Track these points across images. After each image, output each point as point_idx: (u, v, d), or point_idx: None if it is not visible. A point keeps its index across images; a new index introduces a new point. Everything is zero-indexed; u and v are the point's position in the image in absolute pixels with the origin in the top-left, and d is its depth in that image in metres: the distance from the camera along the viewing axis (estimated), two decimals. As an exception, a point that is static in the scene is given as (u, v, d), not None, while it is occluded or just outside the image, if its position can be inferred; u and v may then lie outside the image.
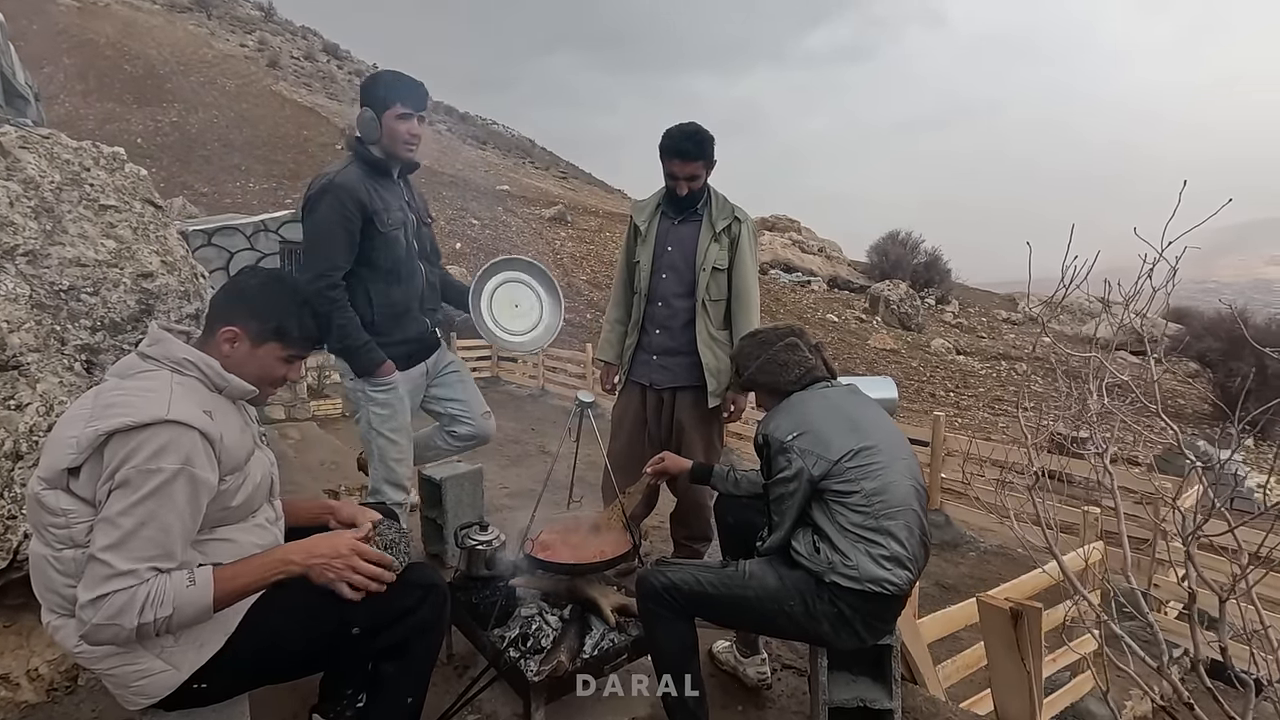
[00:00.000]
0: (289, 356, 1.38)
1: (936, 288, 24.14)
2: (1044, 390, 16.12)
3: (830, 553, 1.53)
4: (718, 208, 2.49)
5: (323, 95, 37.23)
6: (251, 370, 1.33)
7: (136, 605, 1.10)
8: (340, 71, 46.11)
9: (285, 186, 21.13)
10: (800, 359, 1.75)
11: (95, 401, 1.19)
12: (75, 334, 2.03)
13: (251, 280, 1.37)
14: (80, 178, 2.34)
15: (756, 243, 2.59)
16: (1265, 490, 9.63)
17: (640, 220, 2.58)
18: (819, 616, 1.53)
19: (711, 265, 2.46)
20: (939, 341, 18.64)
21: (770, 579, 1.58)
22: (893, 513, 1.52)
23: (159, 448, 1.13)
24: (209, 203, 18.30)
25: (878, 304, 20.48)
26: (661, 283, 2.52)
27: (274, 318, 1.33)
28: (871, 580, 1.49)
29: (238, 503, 1.28)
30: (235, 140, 24.55)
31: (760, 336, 1.84)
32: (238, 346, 1.32)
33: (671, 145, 2.39)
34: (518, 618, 1.88)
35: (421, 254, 2.25)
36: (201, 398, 1.24)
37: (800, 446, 1.56)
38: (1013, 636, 1.72)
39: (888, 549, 1.51)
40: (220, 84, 30.67)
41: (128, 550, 1.10)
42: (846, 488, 1.53)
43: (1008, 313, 23.78)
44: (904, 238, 25.43)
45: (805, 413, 1.65)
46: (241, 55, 37.46)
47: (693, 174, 2.41)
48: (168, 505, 1.13)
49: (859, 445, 1.56)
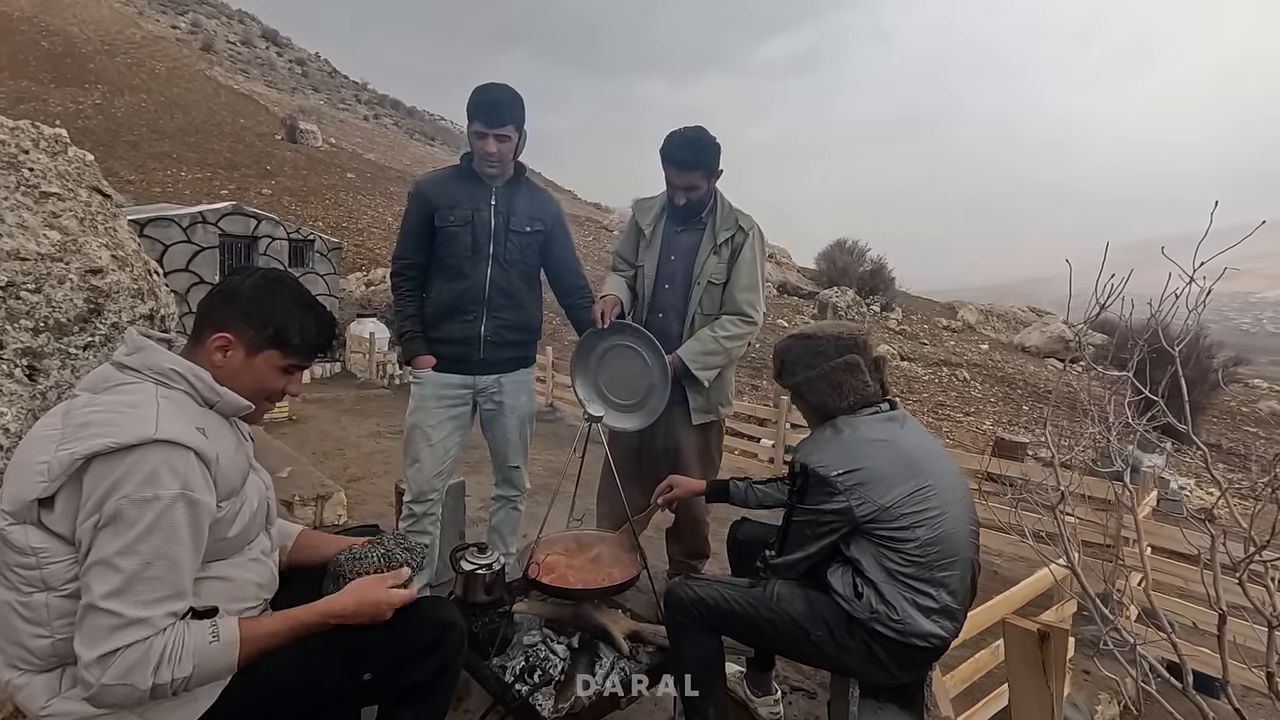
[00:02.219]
0: (289, 366, 1.22)
1: (881, 295, 24.81)
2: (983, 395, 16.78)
3: (875, 600, 1.43)
4: (722, 217, 2.36)
5: (261, 83, 35.72)
6: (246, 382, 1.17)
7: (152, 662, 0.95)
8: (280, 59, 44.38)
9: (220, 177, 20.12)
10: (859, 383, 1.56)
11: (66, 420, 1.02)
12: (15, 336, 1.80)
13: (245, 280, 1.21)
14: (18, 161, 2.09)
15: (764, 253, 2.45)
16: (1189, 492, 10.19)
17: (645, 222, 2.44)
18: (846, 650, 1.46)
19: (708, 279, 2.34)
20: (884, 348, 19.13)
21: (798, 604, 1.50)
22: (948, 563, 1.44)
23: (150, 472, 0.97)
24: (136, 191, 17.24)
25: (826, 310, 20.90)
26: (664, 293, 2.40)
27: (272, 322, 1.18)
28: (918, 635, 1.42)
29: (234, 533, 1.12)
30: (166, 126, 23.26)
31: (817, 344, 1.60)
32: (231, 355, 1.16)
33: (668, 152, 2.26)
34: (519, 646, 1.75)
35: (499, 258, 2.19)
36: (192, 413, 1.09)
37: (848, 483, 1.43)
38: (1039, 658, 1.71)
39: (938, 601, 1.42)
40: (149, 66, 29.04)
41: (135, 595, 0.95)
42: (900, 535, 1.42)
43: (948, 320, 24.62)
44: (850, 245, 26.06)
45: (859, 450, 1.48)
46: (173, 37, 35.58)
47: (690, 184, 2.27)
48: (172, 537, 0.98)
49: (917, 486, 1.44)
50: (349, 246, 16.48)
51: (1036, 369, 19.42)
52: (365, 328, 10.87)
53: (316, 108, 35.56)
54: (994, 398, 16.64)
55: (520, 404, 2.32)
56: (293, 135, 26.07)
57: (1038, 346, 21.75)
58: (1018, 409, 15.81)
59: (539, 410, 9.16)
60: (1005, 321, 25.04)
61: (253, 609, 1.16)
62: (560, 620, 1.79)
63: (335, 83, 47.44)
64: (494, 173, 2.16)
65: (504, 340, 2.22)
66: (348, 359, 11.14)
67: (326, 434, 7.09)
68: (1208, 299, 1.46)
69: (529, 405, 2.36)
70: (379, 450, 6.53)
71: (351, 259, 15.76)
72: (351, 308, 11.90)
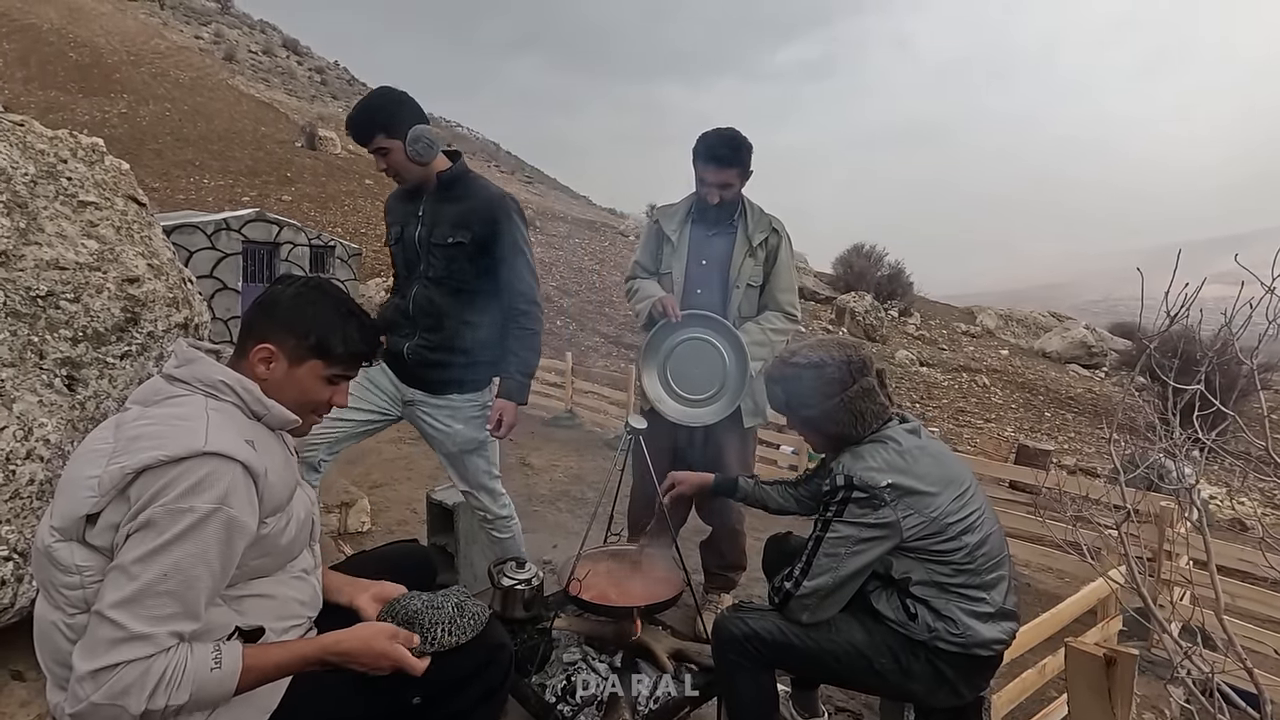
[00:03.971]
0: (333, 376, 1.19)
1: (899, 300, 24.60)
2: (1003, 402, 16.55)
3: (930, 618, 1.37)
4: (754, 220, 2.34)
5: (281, 91, 36.21)
6: (291, 394, 1.15)
7: (149, 685, 0.90)
8: (300, 68, 45.00)
9: (242, 184, 20.39)
10: (878, 407, 1.50)
11: (117, 434, 1.00)
12: (55, 346, 1.79)
13: (286, 290, 1.19)
14: (56, 170, 2.10)
15: (793, 256, 2.45)
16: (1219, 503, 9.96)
17: (670, 228, 2.40)
18: (914, 675, 1.40)
19: (746, 282, 2.32)
20: (903, 353, 18.97)
21: (857, 632, 1.43)
22: (994, 564, 1.40)
23: (195, 483, 0.94)
24: (161, 199, 17.50)
25: (844, 315, 20.75)
26: (696, 298, 2.35)
27: (314, 331, 1.16)
28: (980, 644, 1.37)
29: (282, 545, 1.10)
30: (189, 134, 23.63)
31: (829, 372, 1.49)
32: (274, 367, 1.14)
33: (706, 150, 2.23)
34: (558, 663, 1.71)
35: (425, 275, 2.04)
36: (242, 426, 1.06)
37: (897, 494, 1.37)
38: (1104, 683, 1.65)
39: (993, 604, 1.38)
40: (173, 76, 29.54)
41: (144, 608, 0.91)
42: (950, 545, 1.37)
43: (966, 325, 24.36)
44: (868, 250, 25.88)
45: (905, 459, 1.43)
46: (196, 47, 36.19)
47: (725, 182, 2.25)
48: (196, 553, 0.94)
49: (958, 491, 1.41)
50: (368, 252, 16.60)
51: (1058, 375, 19.15)
52: (385, 333, 10.93)
53: (335, 115, 35.98)
54: (1015, 404, 16.42)
55: (452, 432, 2.07)
56: (312, 142, 26.39)
57: (1059, 352, 21.45)
58: (1039, 415, 15.58)
59: (558, 416, 9.18)
60: (1025, 327, 24.72)
61: (298, 627, 1.13)
62: (601, 638, 1.75)
63: (354, 90, 47.97)
64: (401, 185, 2.10)
65: (425, 360, 2.04)
66: (367, 364, 11.20)
67: (348, 440, 7.10)
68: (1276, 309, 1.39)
69: (465, 434, 2.08)
70: (400, 456, 6.52)
71: (370, 265, 15.87)
72: (372, 312, 11.97)
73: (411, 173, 2.01)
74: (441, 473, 2.60)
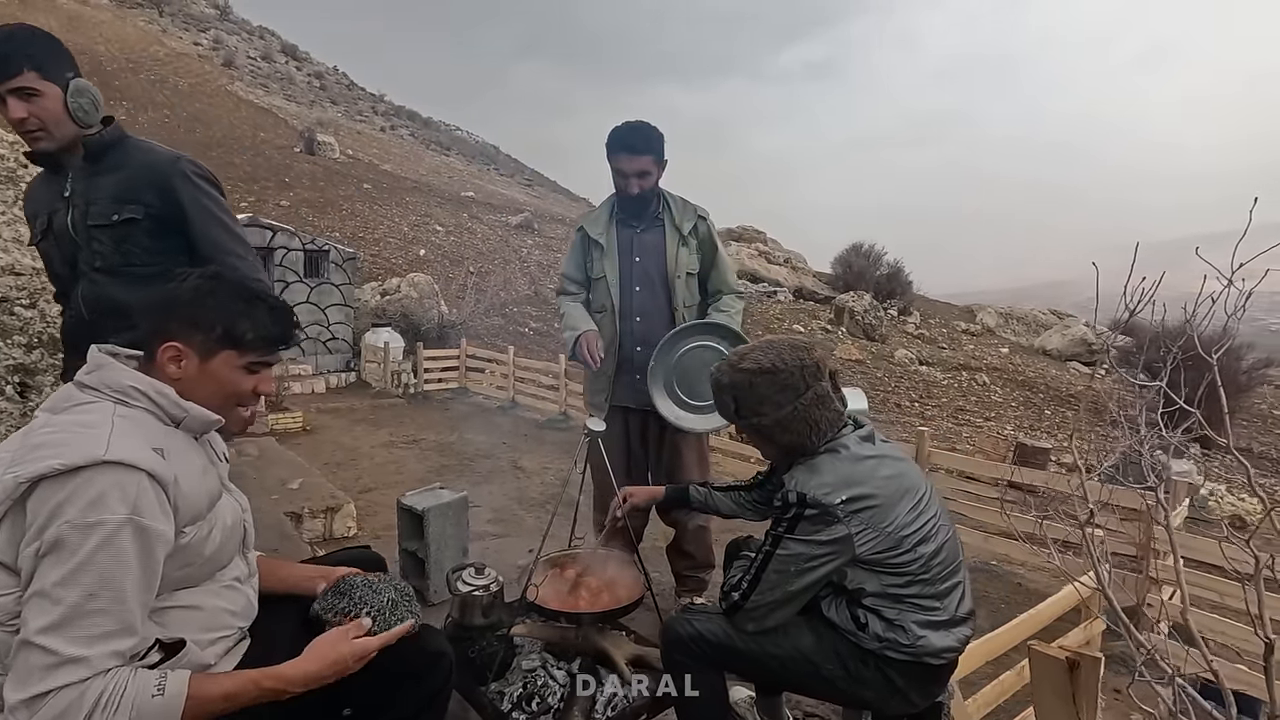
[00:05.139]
0: (250, 364, 1.15)
1: (899, 299, 24.50)
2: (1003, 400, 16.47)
3: (881, 628, 1.34)
4: (678, 210, 2.36)
5: (280, 96, 36.27)
6: (209, 391, 1.11)
7: (84, 708, 0.87)
8: (299, 73, 45.07)
9: (240, 189, 20.38)
10: (832, 415, 1.43)
11: (23, 442, 0.97)
12: (8, 353, 1.77)
13: (182, 285, 1.13)
14: (15, 175, 2.08)
15: (720, 237, 2.50)
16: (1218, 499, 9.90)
17: (595, 231, 2.39)
18: (864, 683, 1.37)
19: (685, 271, 2.34)
20: (902, 352, 18.89)
21: (805, 638, 1.40)
22: (949, 572, 1.37)
23: (97, 496, 0.91)
24: (158, 205, 17.55)
25: (843, 315, 20.67)
26: (636, 295, 2.35)
27: (219, 321, 1.11)
28: (931, 654, 1.34)
29: (206, 555, 1.07)
30: (187, 141, 23.65)
31: (783, 378, 1.41)
32: (186, 365, 1.10)
33: (618, 140, 2.25)
34: (517, 671, 1.69)
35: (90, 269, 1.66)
36: (151, 433, 1.03)
37: (851, 509, 1.31)
38: (1069, 688, 1.62)
39: (946, 611, 1.35)
40: (172, 83, 29.60)
41: (74, 630, 0.88)
42: (905, 558, 1.34)
43: (966, 324, 24.25)
44: (867, 250, 25.79)
45: (858, 471, 1.37)
46: (195, 54, 36.27)
47: (642, 170, 2.26)
48: (119, 566, 0.91)
49: (913, 501, 1.37)
50: (365, 256, 16.60)
51: (1058, 372, 19.06)
52: (380, 337, 10.90)
53: (334, 120, 36.06)
54: (1015, 402, 16.34)
55: None
56: (310, 147, 26.41)
57: (1059, 350, 21.35)
58: (1040, 414, 15.50)
59: (552, 418, 9.14)
60: (1025, 324, 24.60)
61: (226, 638, 1.10)
62: (561, 644, 1.72)
63: (353, 95, 48.09)
64: (41, 145, 1.60)
65: None
66: (363, 368, 11.18)
67: (339, 444, 7.09)
68: (1248, 303, 1.37)
69: None
70: (392, 460, 6.51)
71: (368, 269, 15.86)
72: (367, 317, 11.95)
73: (63, 130, 1.58)
74: (434, 476, 2.58)
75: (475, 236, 21.45)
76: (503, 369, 10.41)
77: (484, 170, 42.03)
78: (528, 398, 9.94)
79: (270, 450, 6.19)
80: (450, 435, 7.83)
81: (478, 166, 42.48)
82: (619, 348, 2.38)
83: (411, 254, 18.17)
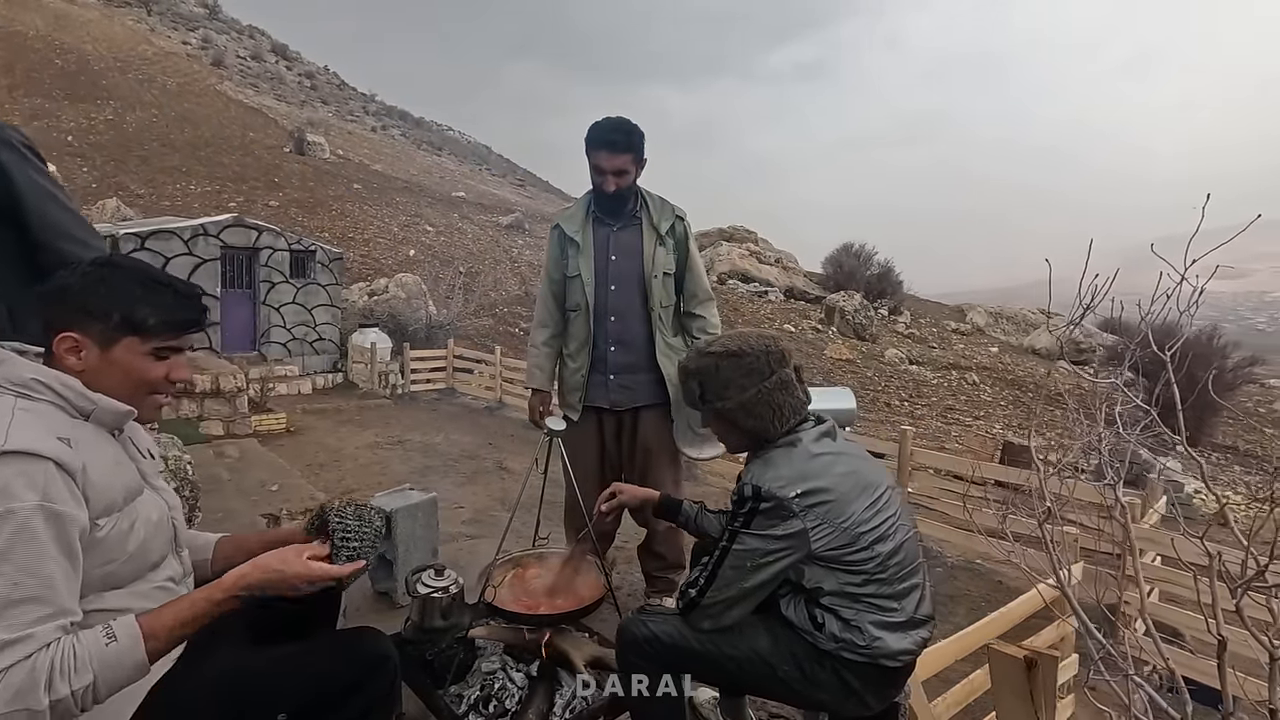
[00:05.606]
0: (157, 350, 1.09)
1: (889, 299, 24.56)
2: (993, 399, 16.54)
3: (837, 628, 1.33)
4: (656, 209, 2.34)
5: (270, 96, 36.08)
6: (115, 380, 1.07)
7: (41, 680, 0.86)
8: (290, 73, 44.86)
9: (229, 190, 20.26)
10: (795, 402, 1.44)
11: None
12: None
13: (72, 275, 1.08)
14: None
15: (695, 238, 2.49)
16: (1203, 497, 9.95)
17: (571, 229, 2.36)
18: (819, 685, 1.36)
19: (662, 270, 2.32)
20: (892, 351, 18.95)
21: (762, 639, 1.38)
22: (908, 572, 1.36)
23: (2, 486, 0.90)
24: (146, 205, 17.38)
25: (833, 314, 20.71)
26: (611, 295, 2.32)
27: (115, 307, 1.06)
28: (887, 656, 1.33)
29: (130, 552, 1.04)
30: (176, 140, 23.49)
31: (749, 362, 1.43)
32: (86, 355, 1.06)
33: (599, 136, 2.21)
34: (477, 673, 1.67)
35: None
36: (56, 424, 1.00)
37: (805, 504, 1.31)
38: (1026, 687, 1.61)
39: (904, 613, 1.34)
40: (160, 82, 29.39)
41: (7, 620, 0.87)
42: (862, 555, 1.33)
43: (956, 323, 24.35)
44: (857, 249, 25.84)
45: (813, 466, 1.37)
46: (184, 53, 36.04)
47: (620, 168, 2.22)
48: (37, 552, 0.90)
49: (871, 499, 1.36)
50: (354, 257, 16.51)
51: (1047, 371, 19.15)
52: (367, 337, 10.84)
53: (325, 120, 35.87)
54: (1004, 401, 16.41)
55: None
56: (300, 147, 26.25)
57: (1048, 349, 21.47)
58: (1029, 412, 15.57)
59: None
60: (1015, 324, 24.71)
61: None
62: (521, 646, 1.70)
63: (344, 95, 47.86)
64: None
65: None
66: (350, 369, 11.12)
67: (323, 445, 7.04)
68: (1201, 298, 1.36)
69: None
70: (376, 461, 6.48)
71: (357, 269, 15.78)
72: (354, 318, 11.88)
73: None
74: (417, 477, 2.55)
75: (466, 237, 21.39)
76: (490, 369, 10.38)
77: (476, 170, 41.91)
78: (515, 398, 9.92)
79: (251, 452, 6.15)
80: (436, 436, 7.80)
81: (469, 166, 42.36)
82: (593, 347, 2.35)
83: (401, 254, 18.10)
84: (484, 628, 1.75)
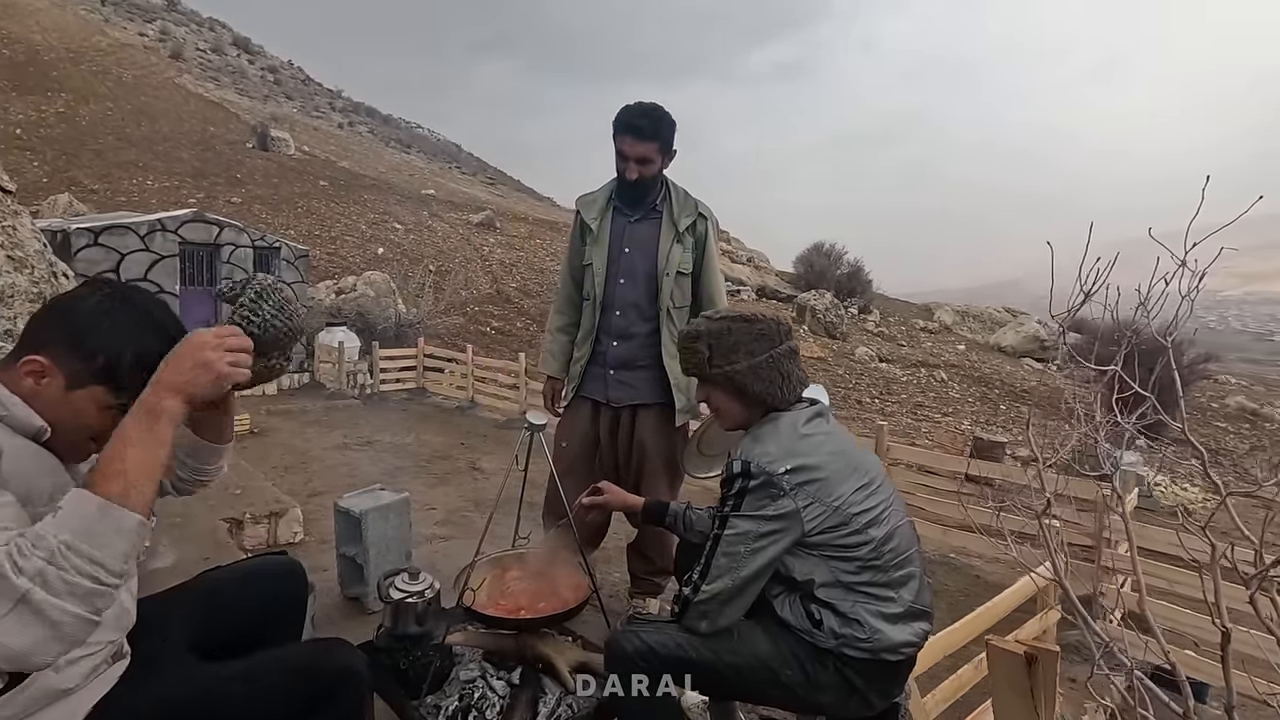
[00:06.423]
0: (122, 405, 0.94)
1: (859, 297, 24.85)
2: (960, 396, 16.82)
3: (836, 623, 1.29)
4: (679, 204, 2.23)
5: (232, 90, 35.15)
6: (63, 417, 0.95)
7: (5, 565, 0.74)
8: (252, 67, 43.80)
9: (188, 185, 19.68)
10: (801, 375, 1.43)
11: None
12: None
13: (88, 298, 0.98)
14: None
15: (718, 240, 2.37)
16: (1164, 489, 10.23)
17: (590, 216, 2.26)
18: (822, 686, 1.30)
19: (675, 269, 2.21)
20: (863, 350, 19.15)
21: (761, 643, 1.32)
22: (903, 560, 1.31)
23: None
24: (100, 200, 16.77)
25: (805, 313, 20.87)
26: (619, 289, 2.23)
27: (104, 350, 0.95)
28: (888, 649, 1.28)
29: None
30: (132, 134, 22.75)
31: (759, 328, 1.42)
32: (47, 384, 0.94)
33: (625, 120, 2.11)
34: (455, 682, 1.58)
35: None
36: None
37: (795, 481, 1.27)
38: (1026, 683, 1.59)
39: (902, 603, 1.30)
40: (115, 74, 28.45)
41: None
42: (854, 539, 1.29)
43: (924, 322, 24.72)
44: (828, 249, 26.11)
45: (802, 443, 1.33)
46: (140, 45, 34.95)
47: (644, 156, 2.12)
48: None
49: (860, 482, 1.33)
50: (321, 255, 16.14)
51: (1013, 369, 19.57)
52: (334, 336, 10.57)
53: (289, 115, 35.07)
54: (972, 398, 16.69)
55: None
56: (264, 143, 25.59)
57: (1013, 346, 21.92)
58: (995, 409, 15.86)
59: (512, 418, 8.98)
60: (981, 322, 25.18)
61: (92, 655, 0.96)
62: (501, 652, 1.62)
63: (309, 90, 46.86)
64: None
65: None
66: (317, 369, 10.83)
67: (289, 447, 6.83)
68: (1201, 284, 1.34)
69: None
70: (344, 463, 6.30)
71: (324, 267, 15.42)
72: (321, 316, 11.59)
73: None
74: (388, 478, 2.44)
75: (436, 235, 21.07)
76: (461, 369, 10.21)
77: (445, 168, 41.38)
78: (487, 397, 9.77)
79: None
80: (407, 436, 7.62)
81: (439, 164, 41.80)
82: (594, 340, 2.28)
83: (369, 252, 17.76)
84: (462, 633, 1.66)
